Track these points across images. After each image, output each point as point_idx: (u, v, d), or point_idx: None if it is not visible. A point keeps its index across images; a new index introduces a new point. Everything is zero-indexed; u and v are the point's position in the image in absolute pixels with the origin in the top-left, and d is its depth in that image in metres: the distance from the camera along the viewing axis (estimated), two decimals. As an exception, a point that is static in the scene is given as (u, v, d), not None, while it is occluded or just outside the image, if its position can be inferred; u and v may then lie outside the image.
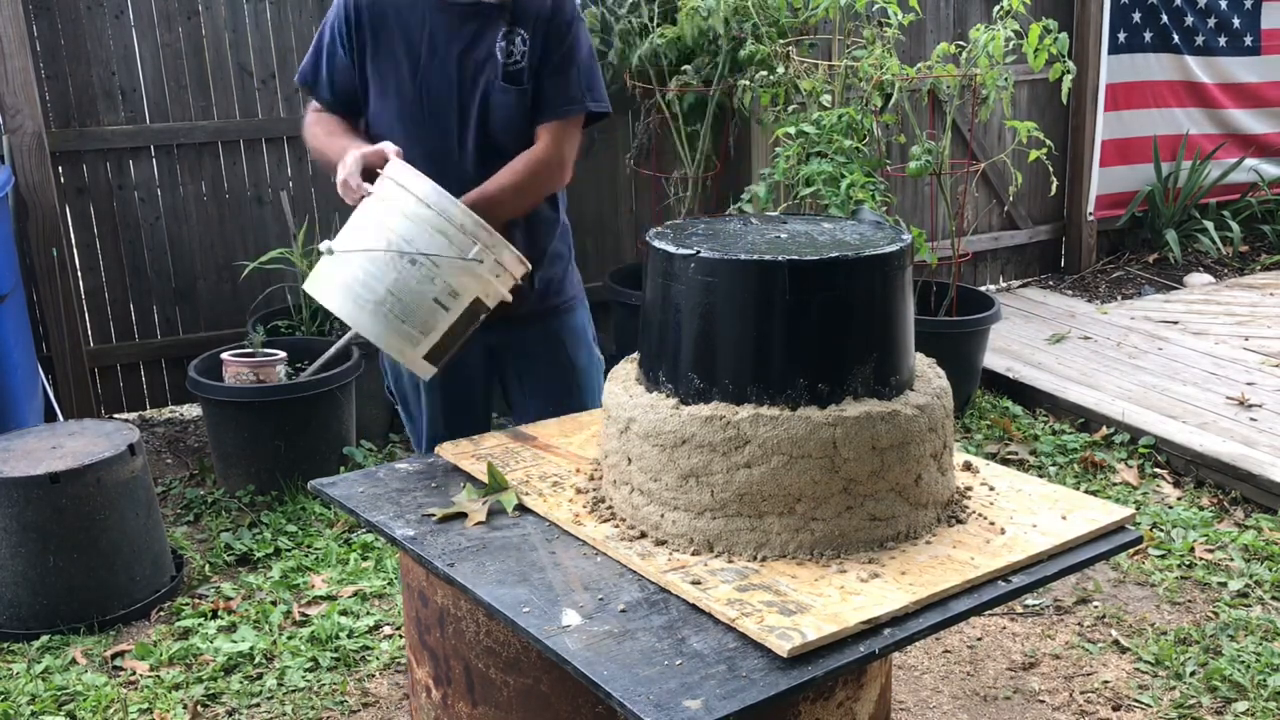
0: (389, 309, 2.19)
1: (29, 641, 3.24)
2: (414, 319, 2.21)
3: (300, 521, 3.94)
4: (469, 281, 2.23)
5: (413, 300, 2.20)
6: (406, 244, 2.19)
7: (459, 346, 2.33)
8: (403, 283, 2.19)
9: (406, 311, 2.20)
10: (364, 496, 2.08)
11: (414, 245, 2.19)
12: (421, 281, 2.20)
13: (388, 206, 2.23)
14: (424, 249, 2.19)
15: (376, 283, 2.19)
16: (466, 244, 2.21)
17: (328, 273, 2.25)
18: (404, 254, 2.18)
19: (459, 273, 2.21)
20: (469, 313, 2.27)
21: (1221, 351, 5.33)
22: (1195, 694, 2.97)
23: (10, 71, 4.28)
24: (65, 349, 4.56)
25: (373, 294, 2.19)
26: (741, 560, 1.78)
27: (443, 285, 2.21)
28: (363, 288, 2.19)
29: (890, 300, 1.85)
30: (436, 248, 2.19)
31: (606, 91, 2.66)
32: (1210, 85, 6.79)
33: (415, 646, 2.09)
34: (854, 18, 4.78)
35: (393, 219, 2.21)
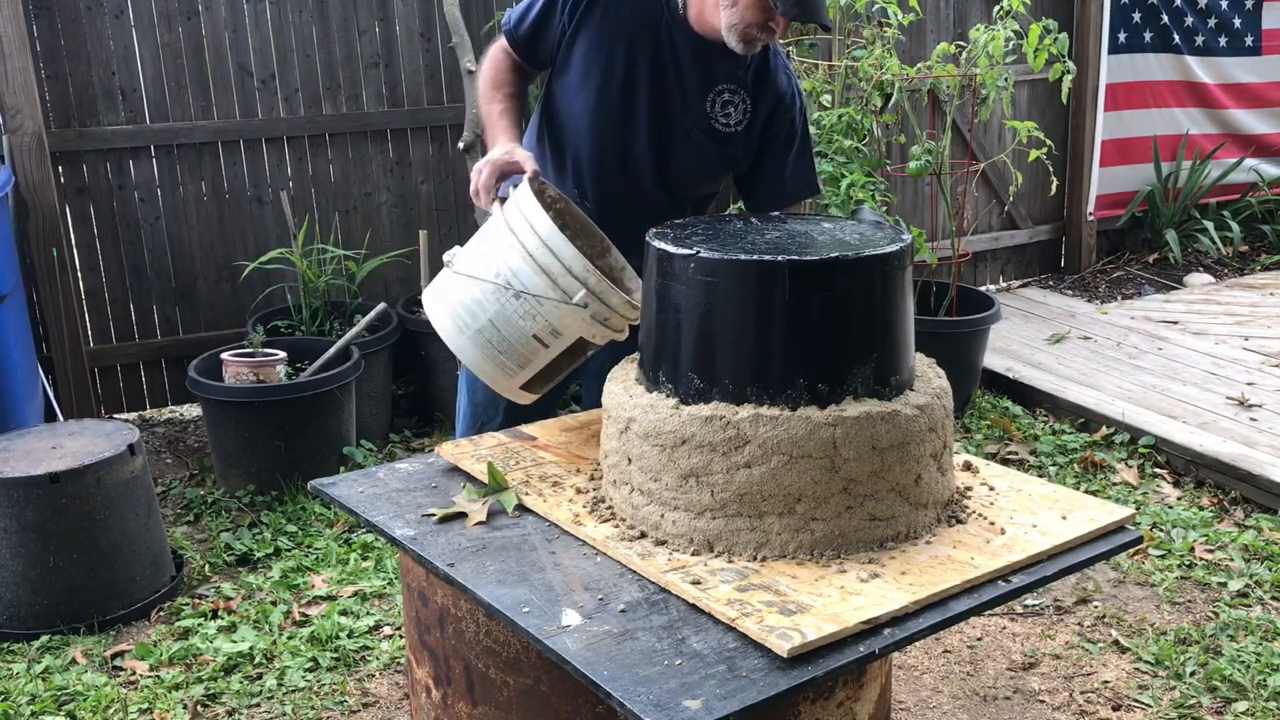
0: (488, 339, 2.17)
1: (29, 641, 3.24)
2: (512, 353, 2.18)
3: (300, 521, 3.94)
4: (573, 323, 2.16)
5: (513, 334, 2.16)
6: (514, 277, 2.13)
7: (562, 377, 2.32)
8: (505, 316, 2.15)
9: (505, 344, 2.17)
10: (364, 496, 2.08)
11: (520, 280, 2.13)
12: (524, 317, 2.15)
13: (505, 235, 2.17)
14: (529, 286, 2.12)
15: (480, 310, 2.16)
16: (574, 287, 2.12)
17: (442, 288, 2.24)
18: (508, 288, 2.13)
19: (563, 314, 2.14)
20: (571, 350, 2.23)
21: (1221, 351, 5.33)
22: (1195, 694, 2.97)
23: (10, 71, 4.28)
24: (65, 349, 4.56)
25: (475, 321, 2.17)
26: (741, 560, 1.78)
27: (544, 324, 2.15)
28: (466, 313, 2.17)
29: (890, 300, 1.85)
30: (541, 287, 2.12)
31: None
32: (1210, 85, 6.79)
33: (415, 646, 2.09)
34: (854, 18, 4.78)
35: (506, 250, 2.15)
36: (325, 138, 4.94)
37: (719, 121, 2.45)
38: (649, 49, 2.41)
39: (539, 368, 2.23)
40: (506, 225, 2.16)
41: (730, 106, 2.45)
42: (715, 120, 2.45)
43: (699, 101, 2.44)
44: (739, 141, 2.48)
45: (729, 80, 2.44)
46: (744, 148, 2.50)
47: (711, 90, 2.43)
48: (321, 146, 4.96)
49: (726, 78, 2.44)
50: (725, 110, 2.45)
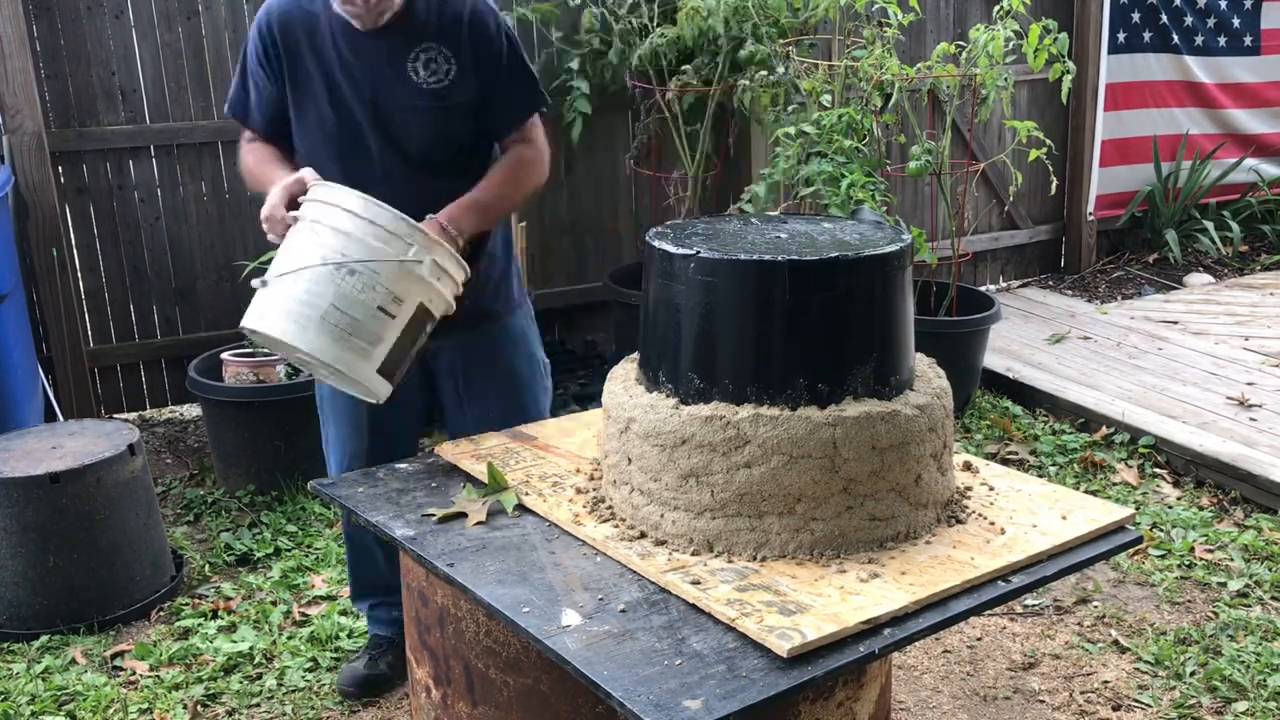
0: (334, 323, 2.12)
1: (29, 641, 3.24)
2: (361, 331, 2.15)
3: (300, 521, 3.94)
4: (411, 286, 2.18)
5: (357, 311, 2.13)
6: (342, 255, 2.13)
7: (410, 363, 2.28)
8: (345, 295, 2.12)
9: (353, 325, 2.13)
10: (364, 496, 2.09)
11: (349, 254, 2.14)
12: (363, 291, 2.13)
13: (317, 226, 2.18)
14: (359, 255, 2.14)
15: (318, 299, 2.12)
16: (402, 247, 2.16)
17: (263, 305, 2.18)
18: (340, 265, 2.12)
19: (400, 277, 2.16)
20: (416, 322, 2.21)
21: (1221, 351, 5.33)
22: (1195, 694, 2.97)
23: (10, 71, 4.28)
24: (65, 349, 4.56)
25: (316, 310, 2.12)
26: (741, 560, 1.78)
27: (385, 292, 2.15)
28: (304, 306, 2.13)
29: (890, 300, 1.85)
30: (371, 253, 2.14)
31: None
32: (1210, 85, 6.79)
33: (415, 646, 2.09)
34: (854, 18, 4.78)
35: (324, 235, 2.16)
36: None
37: (428, 83, 2.46)
38: (333, 59, 2.45)
39: (390, 343, 2.19)
40: (317, 220, 2.19)
41: (432, 64, 2.46)
42: (424, 84, 2.46)
43: (401, 76, 2.45)
44: (458, 90, 2.48)
45: (415, 42, 2.45)
46: (465, 93, 2.49)
47: (406, 60, 2.46)
48: (321, 146, 4.95)
49: (412, 41, 2.45)
50: (429, 69, 2.46)
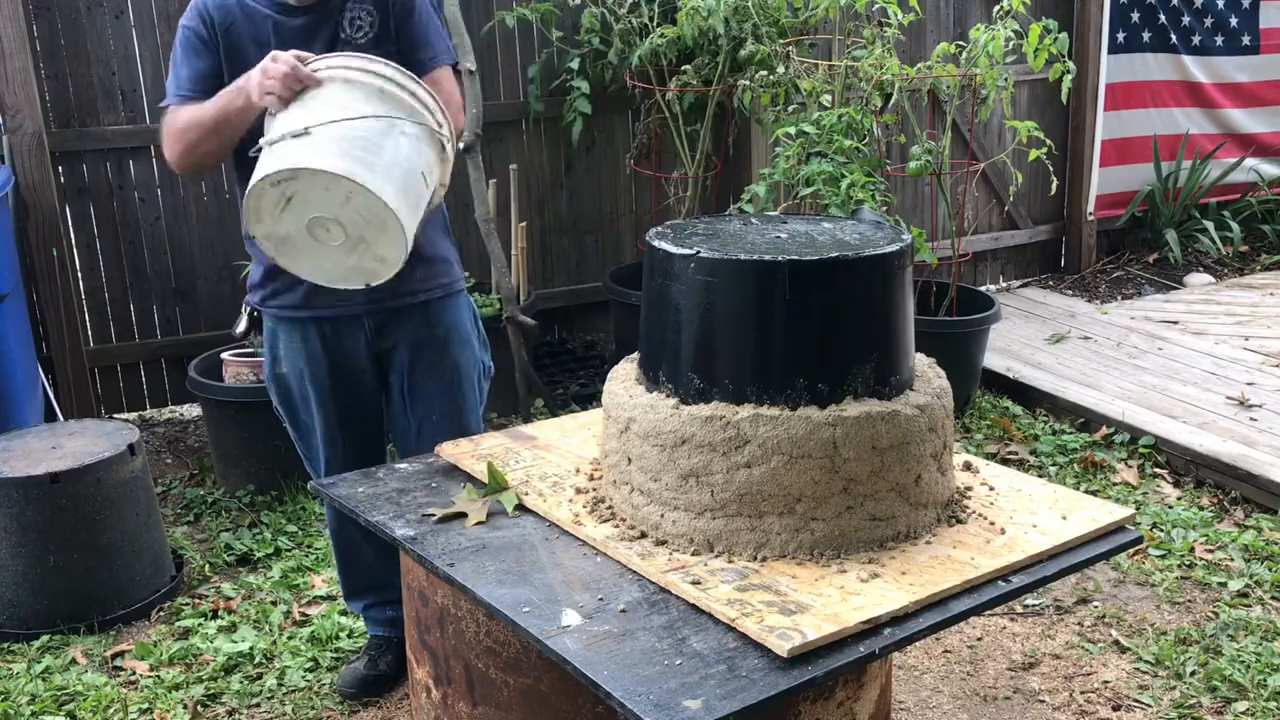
0: (394, 175, 2.10)
1: (29, 641, 3.24)
2: (411, 191, 2.14)
3: (300, 521, 3.94)
4: (436, 159, 2.23)
5: (410, 170, 2.13)
6: (393, 113, 2.14)
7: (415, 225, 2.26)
8: (401, 151, 2.12)
9: (407, 181, 2.12)
10: (364, 496, 2.09)
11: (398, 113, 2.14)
12: (412, 154, 2.14)
13: (353, 85, 2.15)
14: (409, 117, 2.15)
15: (378, 149, 2.09)
16: (437, 119, 2.22)
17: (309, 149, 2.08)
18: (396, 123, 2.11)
19: (431, 150, 2.20)
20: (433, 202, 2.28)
21: (1221, 351, 5.33)
22: (1195, 694, 2.97)
23: (10, 71, 4.28)
24: (65, 349, 4.56)
25: (378, 158, 2.08)
26: (741, 560, 1.78)
27: (425, 160, 2.19)
28: (366, 152, 2.07)
29: (890, 300, 1.85)
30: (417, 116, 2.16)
31: None
32: (1209, 85, 6.79)
33: (415, 646, 2.09)
34: (854, 18, 4.78)
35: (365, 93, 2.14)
36: (325, 138, 4.95)
37: (354, 40, 2.50)
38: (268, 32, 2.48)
39: (421, 216, 2.22)
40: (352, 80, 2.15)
41: (357, 20, 2.51)
42: (353, 40, 2.50)
43: (333, 38, 2.49)
44: (382, 42, 2.51)
45: (342, 6, 2.51)
46: (386, 44, 2.52)
47: (333, 21, 2.50)
48: (321, 146, 4.95)
49: (339, 5, 2.51)
50: (354, 25, 2.50)
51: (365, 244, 2.16)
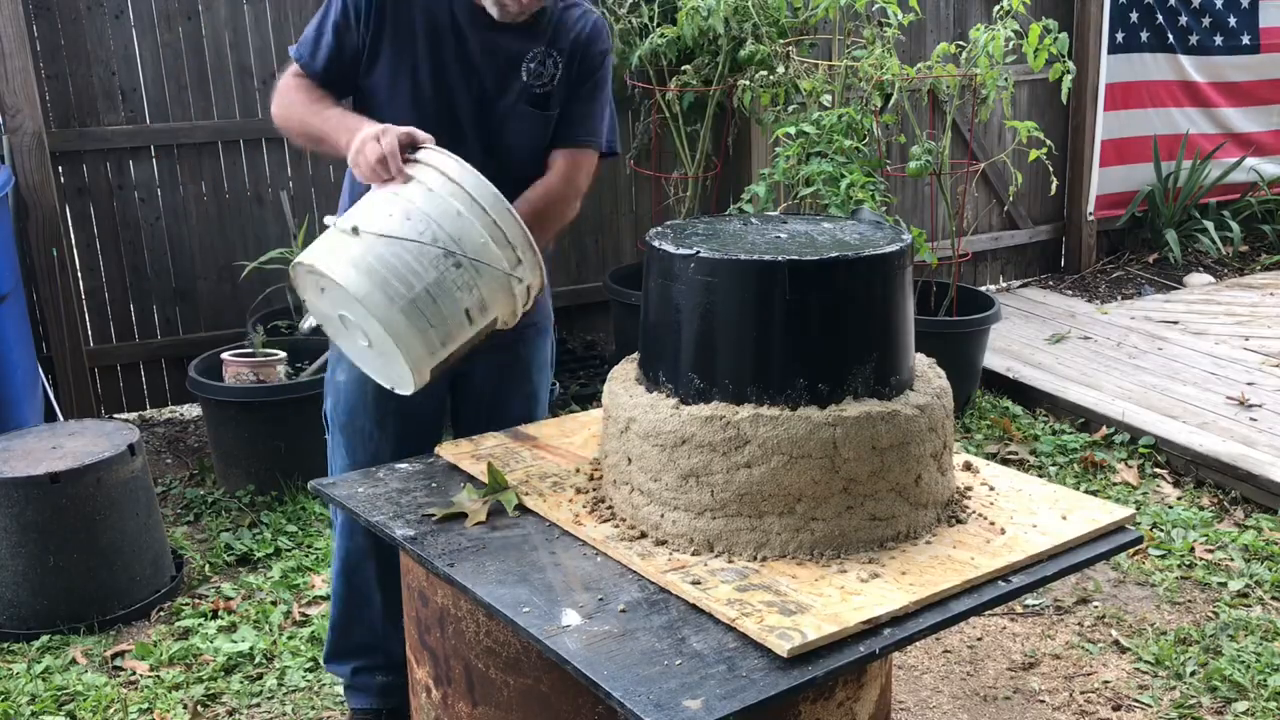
0: (422, 309, 1.97)
1: (29, 641, 3.24)
2: (441, 327, 2.00)
3: (300, 521, 3.94)
4: (501, 298, 2.05)
5: (447, 306, 1.98)
6: (455, 244, 1.97)
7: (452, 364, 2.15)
8: (443, 285, 1.97)
9: (438, 318, 1.98)
10: (364, 496, 2.08)
11: (462, 247, 1.97)
12: (461, 289, 1.98)
13: (434, 197, 2.00)
14: (472, 253, 1.98)
15: (415, 279, 1.95)
16: (513, 258, 2.03)
17: (347, 254, 1.98)
18: (451, 254, 1.96)
19: (496, 287, 2.03)
20: (485, 331, 2.10)
21: (1221, 351, 5.34)
22: (1195, 694, 2.97)
23: (10, 71, 4.28)
24: (65, 349, 4.56)
25: (410, 289, 1.95)
26: (741, 560, 1.78)
27: (478, 297, 2.01)
28: (399, 280, 1.95)
29: (890, 300, 1.85)
30: (485, 255, 1.99)
31: None
32: (1209, 85, 6.79)
33: (415, 646, 2.09)
34: (854, 18, 4.78)
35: (442, 214, 1.99)
36: (325, 138, 4.94)
37: (536, 87, 2.37)
38: (450, 38, 2.33)
39: (456, 347, 2.06)
40: (437, 190, 2.01)
41: (543, 67, 2.38)
42: (533, 87, 2.37)
43: (515, 74, 2.36)
44: (549, 101, 2.40)
45: (536, 42, 2.36)
46: (558, 102, 2.42)
47: (524, 59, 2.36)
48: (321, 146, 4.95)
49: (532, 41, 2.36)
50: (538, 73, 2.38)
51: (384, 358, 2.08)
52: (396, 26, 2.32)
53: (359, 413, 2.50)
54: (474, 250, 1.99)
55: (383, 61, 2.34)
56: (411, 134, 2.09)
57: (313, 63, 2.37)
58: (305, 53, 2.39)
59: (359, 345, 2.12)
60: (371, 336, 2.05)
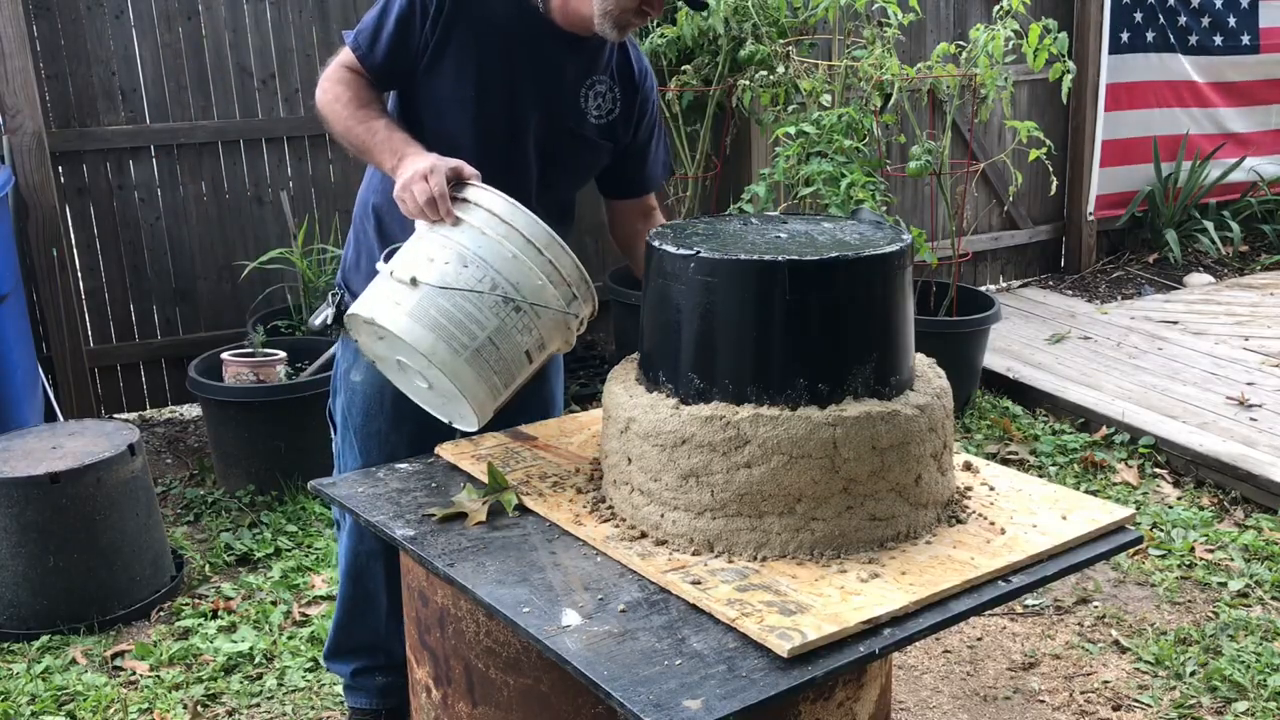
0: (486, 357, 1.97)
1: (29, 641, 3.24)
2: (504, 370, 2.00)
3: (300, 521, 3.94)
4: (557, 335, 2.05)
5: (510, 350, 1.99)
6: (514, 289, 1.96)
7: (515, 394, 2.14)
8: (505, 331, 1.97)
9: (500, 363, 1.99)
10: (364, 496, 2.08)
11: (521, 291, 1.96)
12: (522, 331, 1.98)
13: (489, 241, 1.97)
14: (531, 297, 1.97)
15: (478, 328, 1.95)
16: (569, 295, 2.02)
17: (407, 307, 1.96)
18: (510, 300, 1.95)
19: (554, 325, 2.02)
20: (543, 363, 2.10)
21: (1221, 351, 5.34)
22: (1195, 694, 2.97)
23: (10, 71, 4.28)
24: (65, 349, 4.56)
25: (473, 339, 1.95)
26: (741, 560, 1.78)
27: (537, 337, 2.01)
28: (463, 333, 1.95)
29: (890, 300, 1.85)
30: (543, 297, 1.99)
31: None
32: (1209, 85, 6.79)
33: (415, 646, 2.09)
34: (854, 18, 4.78)
35: (499, 258, 1.96)
36: (325, 138, 4.94)
37: (593, 115, 2.33)
38: (520, 51, 2.25)
39: (517, 385, 2.07)
40: (492, 233, 1.98)
41: (601, 98, 2.34)
42: (590, 115, 2.33)
43: (574, 98, 2.31)
44: (612, 132, 2.37)
45: (599, 71, 2.32)
46: (615, 138, 2.38)
47: (583, 84, 2.31)
48: (321, 146, 4.96)
49: (597, 69, 2.32)
50: (598, 103, 2.34)
51: (445, 399, 2.09)
52: (468, 27, 2.22)
53: (375, 416, 2.46)
54: (532, 293, 1.98)
55: (448, 63, 2.24)
56: (459, 170, 2.03)
57: (371, 55, 2.24)
58: (364, 43, 2.24)
59: (417, 385, 2.11)
60: (433, 382, 2.04)
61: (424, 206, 2.00)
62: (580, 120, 2.33)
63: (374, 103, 2.25)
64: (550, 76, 2.29)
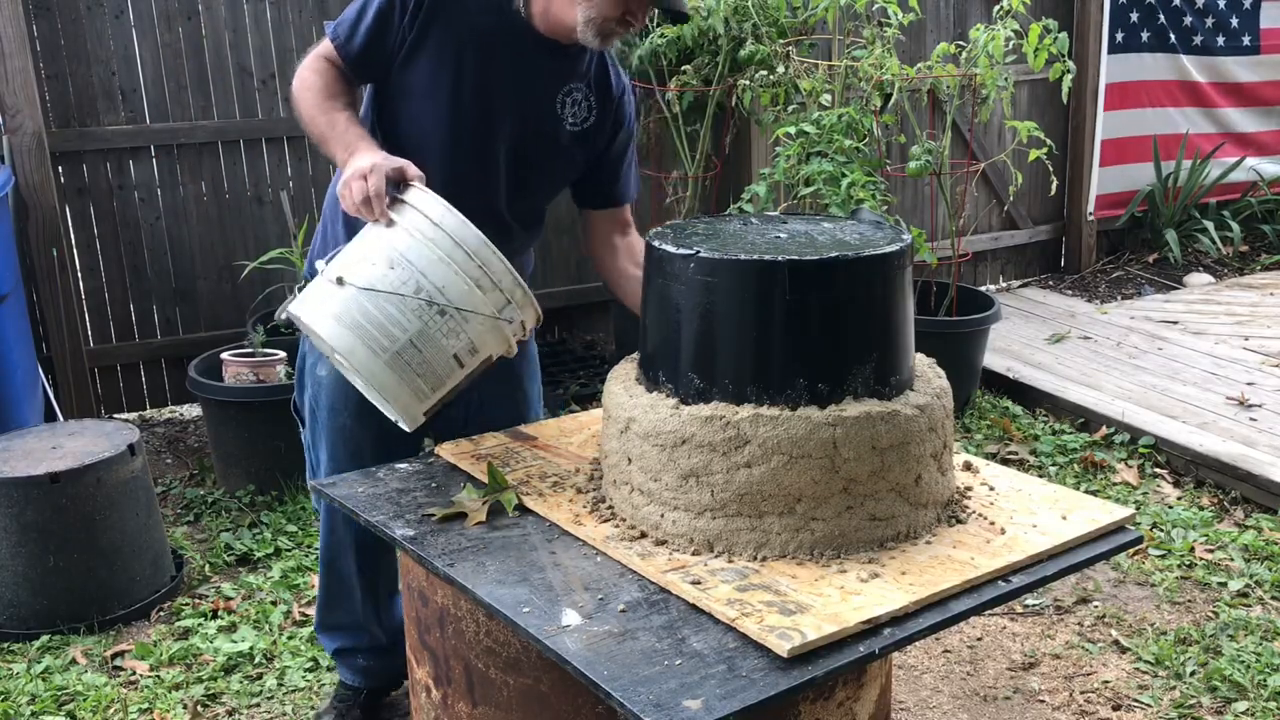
0: (407, 360, 1.96)
1: (29, 641, 3.24)
2: (429, 374, 1.99)
3: (300, 521, 3.94)
4: (491, 339, 2.02)
5: (434, 354, 1.97)
6: (440, 292, 1.94)
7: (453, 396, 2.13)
8: (428, 335, 1.95)
9: (424, 366, 1.98)
10: (364, 496, 2.08)
11: (446, 295, 1.94)
12: (447, 335, 1.97)
13: (417, 244, 1.96)
14: (458, 301, 1.95)
15: (399, 332, 1.94)
16: (500, 300, 1.99)
17: (331, 307, 1.97)
18: (434, 303, 1.94)
19: (485, 330, 2.00)
20: (479, 369, 2.08)
21: (1221, 351, 5.33)
22: (1195, 694, 2.97)
23: (10, 71, 4.28)
24: (65, 349, 4.56)
25: (393, 342, 1.95)
26: (741, 560, 1.78)
27: (466, 341, 1.99)
28: (381, 333, 1.94)
29: (890, 300, 1.85)
30: (475, 302, 1.96)
31: None
32: (1210, 85, 6.80)
33: (415, 646, 2.09)
34: (854, 18, 4.78)
35: (426, 262, 1.94)
36: (325, 138, 4.94)
37: (569, 122, 2.32)
38: (499, 52, 2.24)
39: (449, 389, 2.05)
40: (421, 236, 1.96)
41: (577, 105, 2.33)
42: (565, 121, 2.31)
43: (551, 104, 2.30)
44: (586, 141, 2.36)
45: (576, 79, 2.31)
46: (589, 148, 2.37)
47: (560, 90, 2.30)
48: (321, 146, 4.95)
49: (574, 75, 2.31)
50: (574, 110, 2.33)
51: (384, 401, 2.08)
52: (446, 26, 2.22)
53: (340, 409, 2.46)
54: (458, 297, 1.96)
55: (424, 60, 2.24)
56: (402, 170, 2.03)
57: (348, 46, 2.24)
58: (342, 33, 2.25)
59: (358, 382, 2.12)
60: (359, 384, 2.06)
61: (359, 205, 2.00)
62: (556, 126, 2.32)
63: (341, 95, 2.24)
64: (528, 81, 2.28)
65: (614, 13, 2.17)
